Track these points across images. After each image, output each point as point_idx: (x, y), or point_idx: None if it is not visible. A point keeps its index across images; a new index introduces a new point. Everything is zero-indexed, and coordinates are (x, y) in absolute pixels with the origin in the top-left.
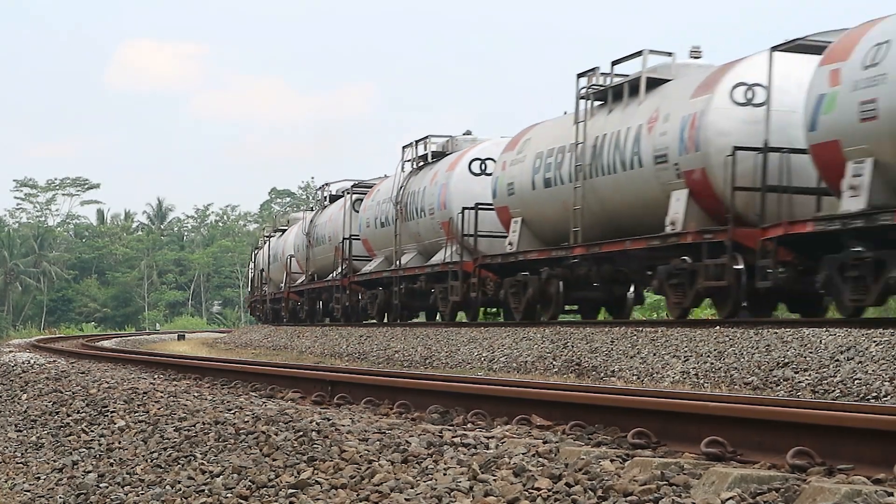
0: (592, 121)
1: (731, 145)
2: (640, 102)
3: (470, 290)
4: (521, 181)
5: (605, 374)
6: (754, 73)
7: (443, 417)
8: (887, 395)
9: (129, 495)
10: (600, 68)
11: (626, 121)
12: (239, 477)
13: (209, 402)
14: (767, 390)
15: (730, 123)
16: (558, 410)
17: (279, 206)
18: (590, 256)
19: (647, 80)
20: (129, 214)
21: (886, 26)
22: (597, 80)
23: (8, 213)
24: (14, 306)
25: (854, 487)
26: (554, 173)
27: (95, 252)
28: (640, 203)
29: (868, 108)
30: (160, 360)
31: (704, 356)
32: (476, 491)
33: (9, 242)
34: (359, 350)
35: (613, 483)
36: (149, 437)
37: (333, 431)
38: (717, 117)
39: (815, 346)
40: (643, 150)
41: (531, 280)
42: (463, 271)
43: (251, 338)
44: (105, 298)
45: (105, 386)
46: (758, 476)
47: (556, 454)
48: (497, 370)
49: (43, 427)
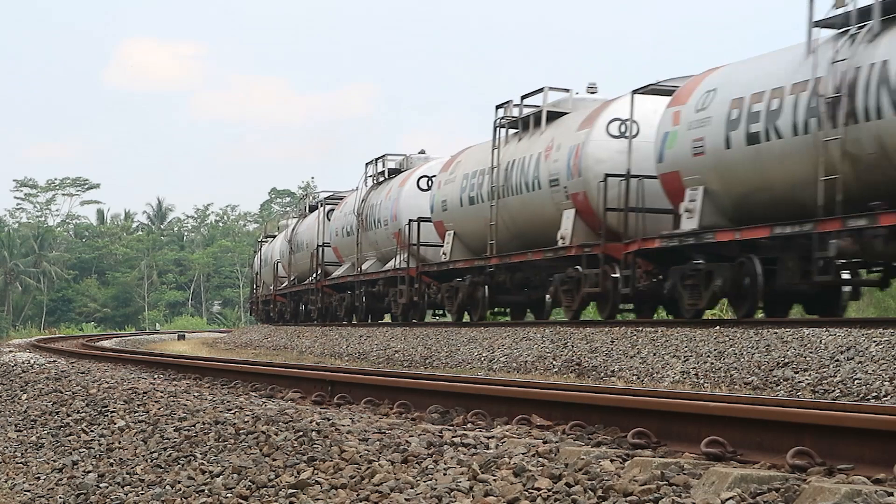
0: (506, 147)
1: (604, 172)
2: (541, 132)
3: (413, 294)
4: (452, 198)
5: (605, 374)
6: (628, 110)
7: (443, 417)
8: (887, 395)
9: (129, 495)
10: (513, 101)
11: (530, 148)
12: (239, 477)
13: (209, 402)
14: (767, 390)
15: (605, 153)
16: (558, 410)
17: (279, 206)
18: (503, 266)
19: (547, 113)
20: (129, 214)
21: (715, 77)
22: (510, 112)
23: (8, 213)
24: (14, 306)
25: (854, 487)
26: (477, 192)
27: (95, 252)
28: (540, 220)
29: (698, 145)
30: (160, 360)
31: (704, 356)
32: (476, 491)
33: (9, 242)
34: (359, 350)
35: (613, 483)
36: (149, 437)
37: (333, 431)
38: (595, 148)
39: (815, 346)
40: (541, 174)
41: (461, 285)
42: (409, 276)
43: (251, 338)
44: (105, 298)
45: (105, 386)
46: (758, 476)
47: (556, 454)
48: (497, 370)
49: (43, 427)
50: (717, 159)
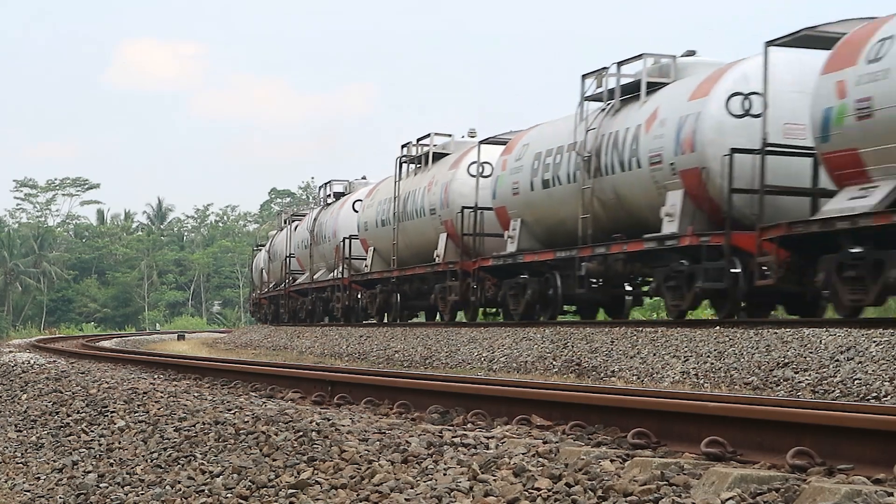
0: (406, 180)
1: (461, 205)
2: (427, 170)
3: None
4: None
5: (605, 374)
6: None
7: (443, 417)
8: (887, 395)
9: (129, 495)
10: (412, 142)
11: (419, 182)
12: (239, 477)
13: (209, 402)
14: (767, 390)
15: (467, 189)
16: (558, 410)
17: (279, 206)
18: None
19: (432, 154)
20: (129, 214)
21: (531, 134)
22: (410, 151)
23: (8, 213)
24: (14, 306)
25: (854, 487)
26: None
27: (95, 252)
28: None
29: (515, 187)
30: (160, 360)
31: (704, 356)
32: (476, 491)
33: (9, 242)
34: (359, 350)
35: (613, 483)
36: (149, 437)
37: (333, 431)
38: (458, 185)
39: (815, 346)
40: (425, 204)
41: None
42: (343, 285)
43: (251, 338)
44: (105, 298)
45: (105, 386)
46: (758, 476)
47: (556, 454)
48: (497, 370)
49: (43, 427)
50: (526, 198)
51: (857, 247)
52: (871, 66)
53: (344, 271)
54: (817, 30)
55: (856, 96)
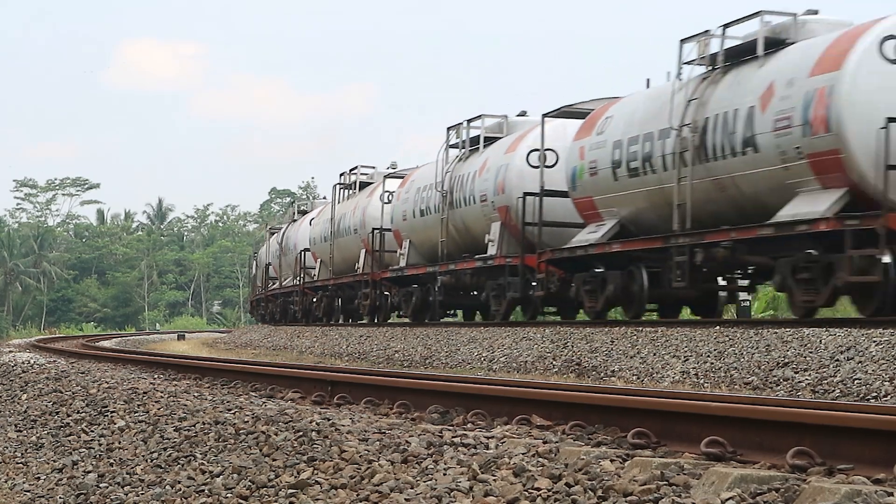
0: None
1: None
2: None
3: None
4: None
5: (605, 374)
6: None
7: (443, 417)
8: (887, 395)
9: (129, 495)
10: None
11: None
12: (239, 477)
13: (209, 402)
14: (767, 390)
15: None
16: (558, 410)
17: (279, 206)
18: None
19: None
20: (129, 214)
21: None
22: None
23: (8, 213)
24: (14, 306)
25: (854, 487)
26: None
27: (95, 252)
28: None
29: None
30: (160, 360)
31: (704, 356)
32: (476, 491)
33: (9, 242)
34: (359, 350)
35: (613, 483)
36: (149, 437)
37: (333, 431)
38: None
39: (815, 346)
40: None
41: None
42: (301, 291)
43: (251, 338)
44: (105, 298)
45: (105, 386)
46: (758, 476)
47: (556, 454)
48: (497, 370)
49: (43, 427)
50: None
51: (599, 267)
52: (597, 138)
53: (300, 280)
54: (575, 107)
55: (589, 159)
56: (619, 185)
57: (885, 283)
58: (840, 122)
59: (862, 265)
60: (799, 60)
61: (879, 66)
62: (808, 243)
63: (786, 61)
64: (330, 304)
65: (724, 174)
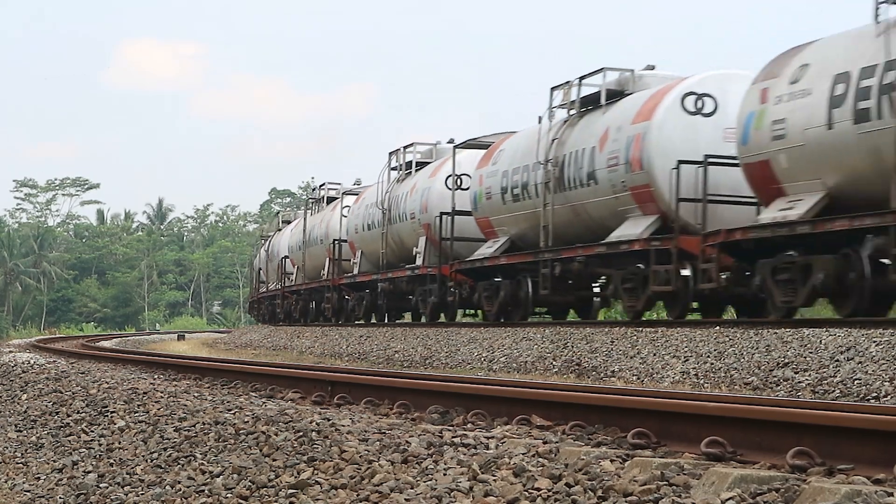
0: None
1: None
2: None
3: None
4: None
5: (605, 374)
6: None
7: (443, 417)
8: (887, 395)
9: (129, 495)
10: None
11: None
12: (239, 477)
13: (209, 402)
14: (767, 390)
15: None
16: (558, 410)
17: (279, 206)
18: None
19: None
20: (129, 214)
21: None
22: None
23: (8, 213)
24: (14, 306)
25: (854, 487)
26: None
27: (95, 252)
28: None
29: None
30: (160, 360)
31: (704, 356)
32: (476, 491)
33: (9, 242)
34: (359, 350)
35: (613, 483)
36: (149, 437)
37: (333, 431)
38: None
39: (815, 346)
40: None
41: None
42: (282, 294)
43: (251, 338)
44: (105, 298)
45: (105, 386)
46: (758, 476)
47: (556, 454)
48: (497, 370)
49: (43, 427)
50: (361, 236)
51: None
52: (492, 167)
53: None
54: (480, 139)
55: (486, 185)
56: (506, 208)
57: (686, 292)
58: (650, 161)
59: (665, 277)
60: (627, 110)
61: (680, 117)
62: (635, 259)
63: (619, 110)
64: (305, 306)
65: (577, 202)
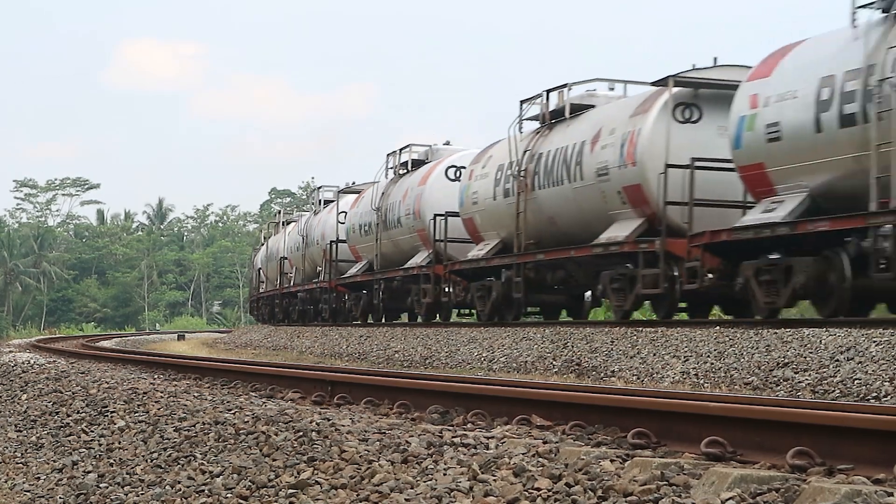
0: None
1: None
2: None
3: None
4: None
5: (605, 374)
6: None
7: (443, 417)
8: (887, 395)
9: (129, 495)
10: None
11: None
12: (239, 477)
13: (209, 402)
14: (767, 390)
15: None
16: (558, 410)
17: (279, 206)
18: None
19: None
20: (129, 214)
21: None
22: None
23: (8, 213)
24: (14, 306)
25: (854, 487)
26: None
27: (95, 252)
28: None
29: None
30: (160, 360)
31: (704, 356)
32: (476, 491)
33: (9, 242)
34: (359, 350)
35: (613, 483)
36: (149, 437)
37: (333, 431)
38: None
39: (815, 346)
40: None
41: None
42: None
43: (251, 338)
44: (105, 298)
45: (105, 386)
46: (758, 476)
47: (556, 454)
48: (497, 370)
49: (43, 427)
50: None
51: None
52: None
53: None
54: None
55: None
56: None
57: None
58: None
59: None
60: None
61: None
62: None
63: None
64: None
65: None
